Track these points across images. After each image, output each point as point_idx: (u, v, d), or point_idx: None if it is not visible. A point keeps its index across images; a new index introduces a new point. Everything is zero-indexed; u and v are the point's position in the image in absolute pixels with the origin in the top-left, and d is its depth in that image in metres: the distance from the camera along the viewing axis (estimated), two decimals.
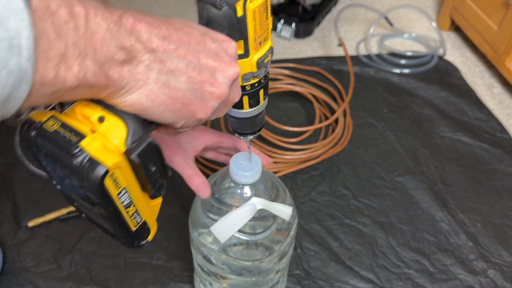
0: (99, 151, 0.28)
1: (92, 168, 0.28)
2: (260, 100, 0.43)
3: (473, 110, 0.99)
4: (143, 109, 0.30)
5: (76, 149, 0.28)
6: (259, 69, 0.39)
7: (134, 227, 0.34)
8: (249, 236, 0.51)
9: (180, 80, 0.30)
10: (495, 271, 0.71)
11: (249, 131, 0.46)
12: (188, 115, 0.32)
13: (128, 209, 0.32)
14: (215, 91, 0.32)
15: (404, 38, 1.21)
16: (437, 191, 0.83)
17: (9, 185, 0.81)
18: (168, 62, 0.30)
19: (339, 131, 0.91)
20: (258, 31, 0.36)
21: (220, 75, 0.33)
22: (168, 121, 0.32)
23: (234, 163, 0.48)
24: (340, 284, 0.69)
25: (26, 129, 0.30)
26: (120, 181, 0.30)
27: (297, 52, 1.16)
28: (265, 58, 0.38)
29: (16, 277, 0.69)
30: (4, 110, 0.24)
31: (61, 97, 0.26)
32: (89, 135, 0.29)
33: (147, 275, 0.70)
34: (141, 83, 0.29)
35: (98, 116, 0.29)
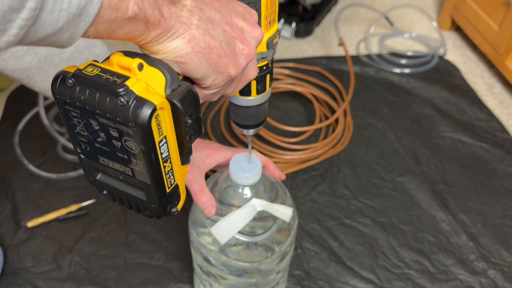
0: (144, 91, 0.28)
1: (140, 105, 0.27)
2: (267, 87, 0.43)
3: (474, 110, 0.99)
4: (183, 55, 0.30)
5: (121, 88, 0.27)
6: (268, 50, 0.40)
7: (168, 188, 0.32)
8: (250, 237, 0.51)
9: (217, 31, 0.31)
10: (496, 271, 0.71)
11: (252, 123, 0.46)
12: (221, 68, 0.32)
13: (165, 164, 0.31)
14: (245, 48, 0.33)
15: (404, 38, 1.21)
16: (438, 191, 0.82)
17: (8, 185, 0.81)
18: (206, 11, 0.31)
19: (339, 131, 0.90)
20: (269, 9, 0.38)
21: (248, 35, 0.34)
22: (201, 74, 0.32)
23: (234, 164, 0.48)
24: (340, 284, 0.69)
25: (61, 79, 0.29)
26: (163, 126, 0.29)
27: (297, 51, 1.16)
28: (273, 39, 0.40)
29: (16, 277, 0.69)
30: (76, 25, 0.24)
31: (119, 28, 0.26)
32: (133, 77, 0.28)
33: (146, 275, 0.69)
34: (185, 27, 0.29)
35: (137, 63, 0.29)
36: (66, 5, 0.22)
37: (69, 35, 0.24)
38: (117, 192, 0.34)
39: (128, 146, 0.30)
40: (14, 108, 0.95)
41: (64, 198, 0.79)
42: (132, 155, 0.30)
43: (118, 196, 0.34)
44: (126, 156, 0.30)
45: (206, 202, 0.49)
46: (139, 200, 0.33)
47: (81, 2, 0.23)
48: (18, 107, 0.95)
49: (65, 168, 0.83)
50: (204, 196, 0.50)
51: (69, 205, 0.77)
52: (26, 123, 0.91)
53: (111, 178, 0.33)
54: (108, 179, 0.34)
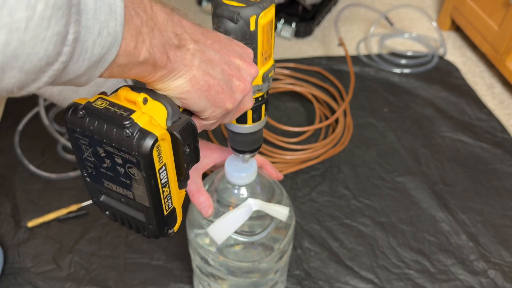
0: (147, 123, 0.31)
1: (143, 137, 0.30)
2: (262, 116, 0.46)
3: (474, 110, 0.99)
4: (184, 92, 0.33)
5: (127, 121, 0.30)
6: (264, 83, 0.42)
7: (166, 211, 0.35)
8: (247, 236, 0.51)
9: (216, 70, 0.34)
10: (496, 271, 0.71)
11: (248, 149, 0.48)
12: (219, 103, 0.35)
13: (164, 189, 0.34)
14: (241, 85, 0.36)
15: (404, 38, 1.21)
16: (438, 191, 0.82)
17: (9, 185, 0.81)
18: (207, 53, 0.34)
19: (339, 131, 0.90)
20: (265, 46, 0.40)
21: (245, 72, 0.37)
22: (200, 108, 0.35)
23: (229, 165, 0.49)
24: (340, 284, 0.69)
25: (72, 110, 0.32)
26: (163, 155, 0.32)
27: (297, 52, 1.16)
28: (269, 73, 0.42)
29: (16, 277, 0.69)
30: (94, 69, 0.26)
31: (129, 70, 0.29)
32: (138, 110, 0.31)
33: (146, 275, 0.69)
34: (187, 69, 0.32)
35: (142, 97, 0.32)
36: (89, 55, 0.25)
37: (86, 78, 0.27)
38: (118, 213, 0.37)
39: (130, 172, 0.32)
40: (14, 108, 0.95)
41: (64, 198, 0.79)
42: (134, 180, 0.33)
43: (120, 216, 0.37)
44: (128, 181, 0.33)
45: (203, 203, 0.50)
46: (139, 221, 0.36)
47: (102, 51, 0.25)
48: (18, 107, 0.95)
49: (65, 168, 0.83)
50: (201, 197, 0.50)
51: (69, 205, 0.77)
52: (26, 123, 0.91)
53: (113, 200, 0.36)
54: (110, 201, 0.37)
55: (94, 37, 0.24)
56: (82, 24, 0.23)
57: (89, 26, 0.24)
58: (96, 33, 0.24)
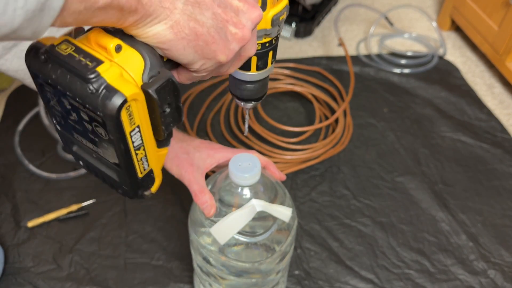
0: (117, 79, 0.26)
1: (109, 96, 0.26)
2: (268, 63, 0.41)
3: (474, 110, 0.99)
4: (165, 42, 0.28)
5: (92, 74, 0.26)
6: (273, 27, 0.37)
7: (140, 174, 0.32)
8: (249, 237, 0.51)
9: (206, 15, 0.29)
10: (496, 271, 0.71)
11: (251, 97, 0.44)
12: (209, 54, 0.30)
13: (137, 152, 0.30)
14: (238, 33, 0.31)
15: (404, 38, 1.21)
16: (438, 191, 0.82)
17: (9, 185, 0.81)
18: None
19: (339, 131, 0.90)
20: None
21: (244, 17, 0.31)
22: (187, 60, 0.30)
23: (233, 165, 0.48)
24: (340, 284, 0.69)
25: (34, 53, 0.28)
26: (135, 116, 0.28)
27: (297, 52, 1.16)
28: (280, 15, 0.37)
29: (16, 277, 0.69)
30: (37, 21, 0.22)
31: (90, 17, 0.24)
32: (106, 61, 0.27)
33: (147, 275, 0.69)
34: (168, 12, 0.27)
35: (115, 44, 0.27)
36: (21, 3, 0.21)
37: (31, 31, 0.23)
38: (92, 166, 0.33)
39: (98, 132, 0.29)
40: (14, 108, 0.95)
41: (64, 198, 0.79)
42: (103, 140, 0.29)
43: (93, 169, 0.33)
44: (97, 139, 0.30)
45: (206, 202, 0.49)
46: (112, 179, 0.32)
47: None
48: (18, 107, 0.95)
49: (65, 168, 0.83)
50: (204, 196, 0.50)
51: (69, 205, 0.77)
52: (26, 123, 0.91)
53: (85, 153, 0.33)
54: (83, 153, 0.33)
55: None
56: None
57: None
58: None
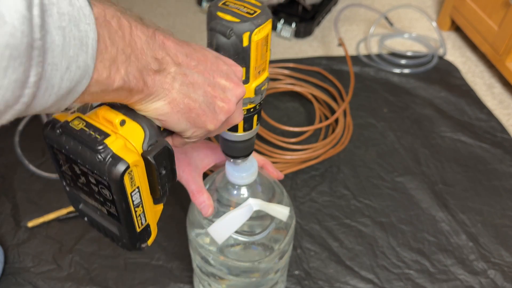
0: (121, 149, 0.31)
1: (115, 163, 0.30)
2: (254, 125, 0.46)
3: (474, 110, 0.99)
4: (163, 115, 0.33)
5: (100, 146, 0.31)
6: (256, 95, 0.42)
7: (138, 228, 0.36)
8: (247, 236, 0.51)
9: (198, 93, 0.34)
10: (496, 271, 0.71)
11: (239, 154, 0.48)
12: (199, 124, 0.35)
13: (137, 209, 0.34)
14: (225, 106, 0.36)
15: (404, 38, 1.21)
16: (438, 191, 0.82)
17: (9, 185, 0.81)
18: (189, 76, 0.33)
19: (339, 131, 0.90)
20: (259, 61, 0.40)
21: (230, 93, 0.36)
22: (181, 128, 0.35)
23: (230, 164, 0.49)
24: (340, 284, 0.69)
25: (51, 127, 0.33)
26: (136, 179, 0.33)
27: (297, 52, 1.16)
28: (262, 86, 0.42)
29: (16, 277, 0.69)
30: (63, 101, 0.26)
31: (105, 96, 0.29)
32: (112, 135, 0.32)
33: (147, 275, 0.69)
34: (167, 92, 0.32)
35: (120, 119, 0.32)
36: (56, 89, 0.24)
37: (56, 108, 0.26)
38: (95, 222, 0.38)
39: (103, 193, 0.33)
40: None
41: (64, 198, 0.79)
42: (107, 200, 0.33)
43: (97, 225, 0.38)
44: (102, 199, 0.34)
45: (203, 202, 0.50)
46: (113, 233, 0.37)
47: (71, 84, 0.25)
48: None
49: None
50: (201, 196, 0.50)
51: (69, 205, 0.77)
52: (26, 123, 0.91)
53: (90, 210, 0.37)
54: (88, 210, 0.38)
55: (61, 73, 0.24)
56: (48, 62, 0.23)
57: (56, 63, 0.23)
58: (64, 68, 0.24)
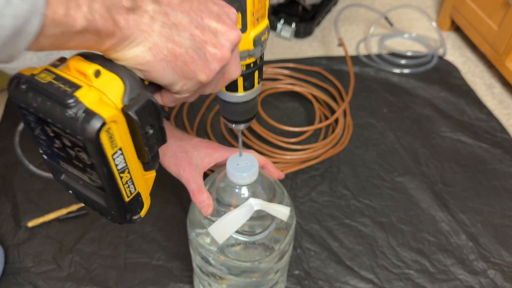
0: (95, 103, 0.27)
1: (87, 119, 0.26)
2: (255, 83, 0.41)
3: (473, 110, 0.99)
4: (145, 64, 0.29)
5: (70, 99, 0.26)
6: (256, 47, 0.38)
7: (127, 198, 0.32)
8: (248, 236, 0.51)
9: (184, 36, 0.29)
10: (495, 271, 0.71)
11: (241, 119, 0.44)
12: (189, 75, 0.31)
13: (122, 175, 0.30)
14: (217, 53, 0.31)
15: (404, 38, 1.21)
16: (437, 191, 0.82)
17: (9, 185, 0.81)
18: (172, 16, 0.29)
19: (339, 131, 0.91)
20: (257, 5, 0.35)
21: (223, 37, 0.32)
22: (167, 81, 0.31)
23: (231, 164, 0.48)
24: (340, 284, 0.69)
25: (15, 84, 0.28)
26: (116, 139, 0.28)
27: (297, 52, 1.16)
28: (262, 36, 0.38)
29: (16, 277, 0.69)
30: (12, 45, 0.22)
31: (68, 41, 0.25)
32: (85, 86, 0.27)
33: (147, 275, 0.70)
34: (146, 35, 0.28)
35: (94, 70, 0.28)
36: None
37: (6, 55, 0.23)
38: (80, 194, 0.34)
39: (81, 157, 0.29)
40: (14, 108, 0.95)
41: (64, 198, 0.79)
42: (87, 165, 0.30)
43: (82, 197, 0.34)
44: (81, 165, 0.30)
45: (204, 202, 0.49)
46: (100, 205, 0.33)
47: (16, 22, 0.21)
48: None
49: None
50: (201, 196, 0.49)
51: (69, 205, 0.77)
52: None
53: (73, 181, 0.33)
54: (71, 181, 0.34)
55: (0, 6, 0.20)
56: None
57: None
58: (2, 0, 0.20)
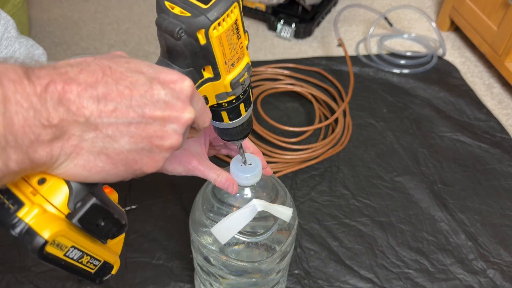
0: (38, 220, 0.27)
1: (30, 240, 0.27)
2: (242, 113, 0.41)
3: (473, 110, 1.00)
4: (83, 178, 0.28)
5: (14, 220, 0.27)
6: (234, 89, 0.37)
7: (92, 270, 0.34)
8: (250, 237, 0.51)
9: (120, 143, 0.28)
10: (495, 270, 0.72)
11: (236, 138, 0.44)
12: (135, 172, 0.30)
13: (81, 260, 0.32)
14: (164, 144, 0.30)
15: (403, 38, 1.21)
16: (437, 191, 0.83)
17: None
18: (103, 129, 0.27)
19: (338, 131, 0.91)
20: (228, 54, 0.34)
21: (172, 126, 0.30)
22: (115, 180, 0.30)
23: (234, 165, 0.48)
24: (340, 283, 0.70)
25: None
26: (65, 243, 0.29)
27: (297, 52, 1.16)
28: (240, 78, 0.36)
29: (17, 277, 0.69)
30: None
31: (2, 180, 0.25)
32: (27, 203, 0.28)
33: (147, 274, 0.70)
34: (74, 155, 0.27)
35: (38, 178, 0.28)
36: None
37: None
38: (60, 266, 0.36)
39: None
40: None
41: None
42: None
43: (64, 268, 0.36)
44: None
45: (226, 182, 0.46)
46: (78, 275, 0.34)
47: None
48: None
49: None
50: (222, 178, 0.47)
51: None
52: None
53: None
54: None
55: None
56: None
57: None
58: None
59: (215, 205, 0.52)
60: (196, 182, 0.58)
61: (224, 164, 0.79)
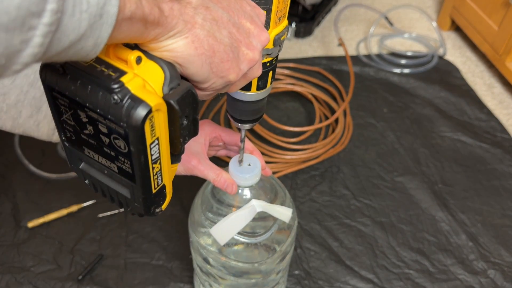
0: (140, 89, 0.26)
1: (134, 106, 0.25)
2: (268, 83, 0.42)
3: (473, 110, 0.99)
4: (185, 57, 0.28)
5: (116, 84, 0.25)
6: (274, 47, 0.38)
7: (154, 189, 0.31)
8: (250, 238, 0.51)
9: (223, 33, 0.29)
10: (495, 271, 0.71)
11: (249, 118, 0.44)
12: (222, 73, 0.30)
13: (154, 165, 0.30)
14: (249, 53, 0.32)
15: (404, 38, 1.21)
16: (437, 191, 0.83)
17: (9, 185, 0.81)
18: (213, 10, 0.28)
19: (339, 131, 0.91)
20: (281, 4, 0.36)
21: (254, 39, 0.32)
22: (201, 77, 0.30)
23: (233, 165, 0.48)
24: (340, 284, 0.69)
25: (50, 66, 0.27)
26: (156, 128, 0.28)
27: (297, 52, 1.16)
28: (281, 36, 0.38)
29: (16, 277, 0.69)
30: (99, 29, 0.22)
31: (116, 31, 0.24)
32: (130, 72, 0.26)
33: (147, 275, 0.70)
34: (189, 26, 0.27)
35: (136, 56, 0.27)
36: (85, 6, 0.21)
37: (93, 41, 0.23)
38: (99, 184, 0.33)
39: (116, 144, 0.28)
40: None
41: (64, 198, 0.79)
42: (120, 153, 0.28)
43: (101, 188, 0.33)
44: (113, 153, 0.29)
45: (225, 182, 0.47)
46: (122, 196, 0.32)
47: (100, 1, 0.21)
48: None
49: (65, 168, 0.83)
50: (222, 178, 0.47)
51: (69, 205, 0.77)
52: None
53: (95, 170, 0.32)
54: (91, 170, 0.32)
55: None
56: None
57: None
58: None
59: (214, 205, 0.52)
60: (195, 182, 0.58)
61: (224, 164, 0.79)
